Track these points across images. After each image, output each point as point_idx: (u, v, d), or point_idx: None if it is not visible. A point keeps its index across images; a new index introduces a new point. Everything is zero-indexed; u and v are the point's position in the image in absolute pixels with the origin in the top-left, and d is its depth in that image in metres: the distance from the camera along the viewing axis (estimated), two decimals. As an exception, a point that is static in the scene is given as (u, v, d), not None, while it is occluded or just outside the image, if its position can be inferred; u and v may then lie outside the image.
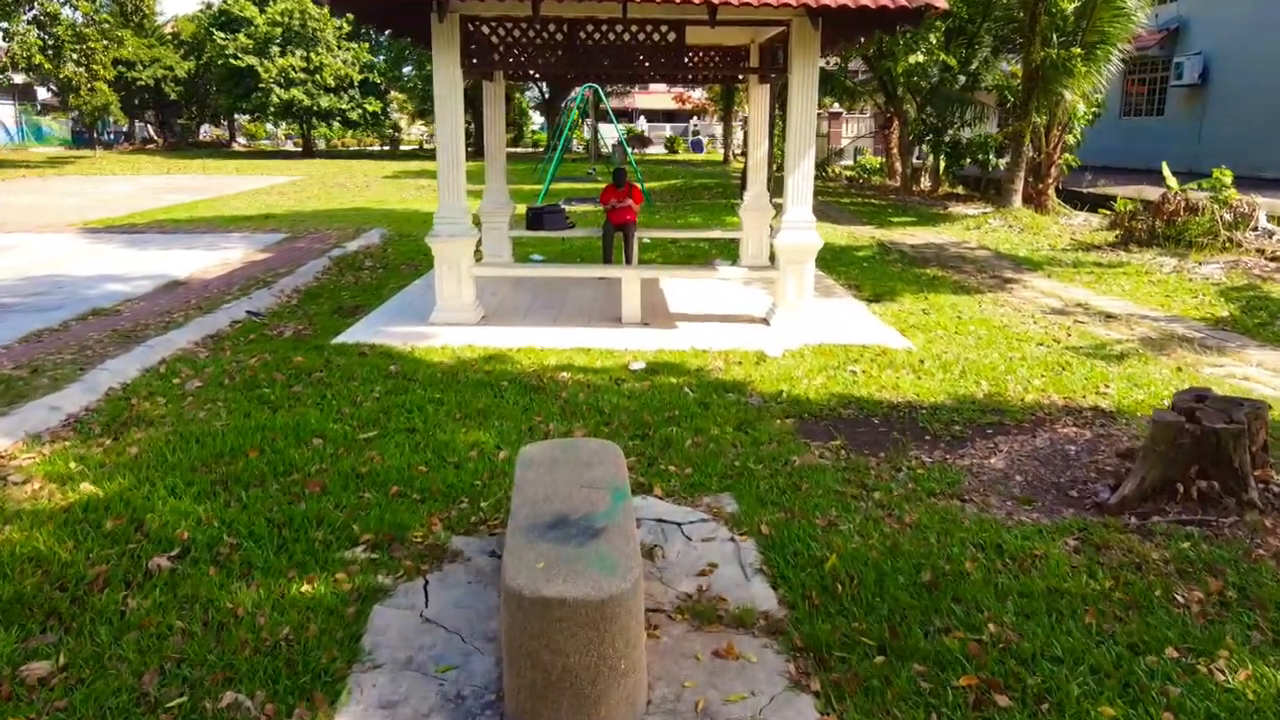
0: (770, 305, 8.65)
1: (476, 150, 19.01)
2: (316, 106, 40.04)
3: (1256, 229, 13.05)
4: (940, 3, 7.19)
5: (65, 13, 31.97)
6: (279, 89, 38.82)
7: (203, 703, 2.94)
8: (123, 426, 5.50)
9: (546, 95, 44.91)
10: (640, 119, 57.79)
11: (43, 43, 31.01)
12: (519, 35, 8.21)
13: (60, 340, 7.71)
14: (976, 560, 3.92)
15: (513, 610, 2.75)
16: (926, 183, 24.67)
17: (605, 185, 10.91)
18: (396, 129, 51.04)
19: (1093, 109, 18.41)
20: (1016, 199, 17.94)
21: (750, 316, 8.81)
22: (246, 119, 49.08)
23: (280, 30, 39.31)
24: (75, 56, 31.89)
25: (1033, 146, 17.82)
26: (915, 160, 25.36)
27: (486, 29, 8.15)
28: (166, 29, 47.43)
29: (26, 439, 5.27)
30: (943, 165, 23.97)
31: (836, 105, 30.08)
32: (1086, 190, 18.79)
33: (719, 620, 3.46)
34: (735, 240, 12.11)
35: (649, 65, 8.42)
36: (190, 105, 50.39)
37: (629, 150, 26.71)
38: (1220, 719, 2.91)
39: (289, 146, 49.25)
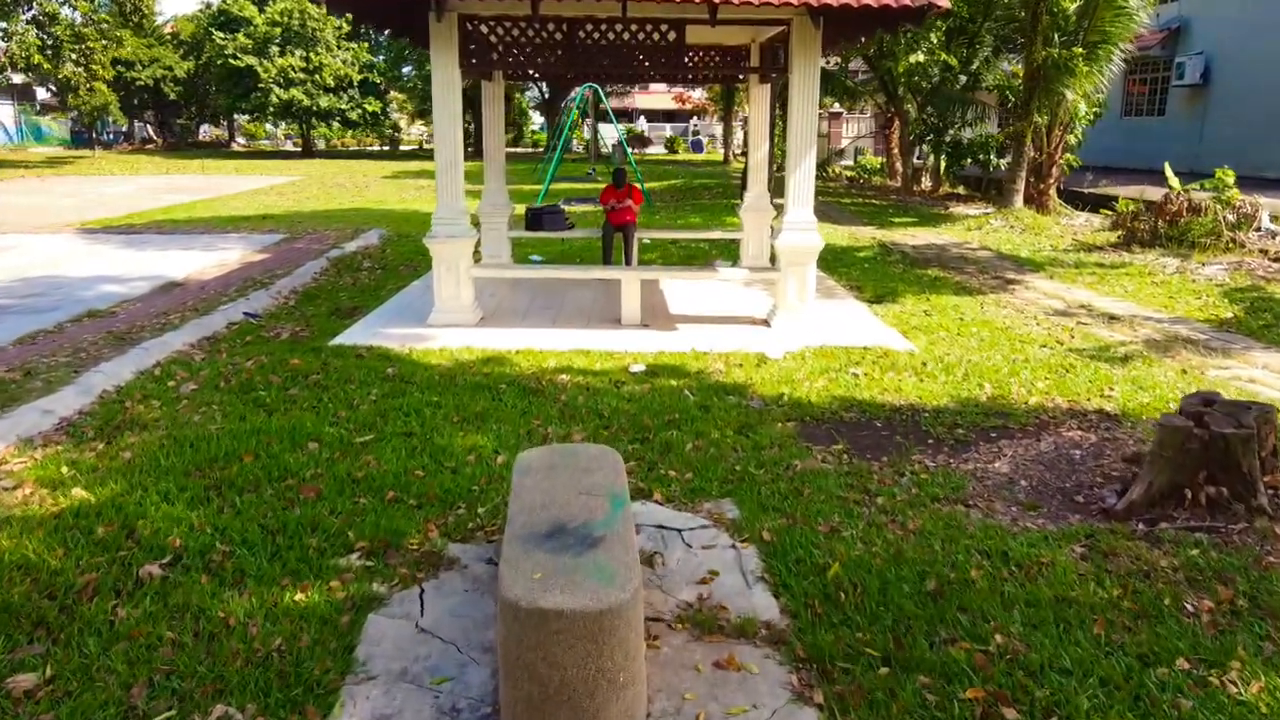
0: (771, 307, 8.58)
1: (475, 150, 18.90)
2: (316, 106, 40.01)
3: (1260, 229, 12.97)
4: (942, 2, 7.13)
5: (64, 13, 31.89)
6: (278, 89, 38.78)
7: (192, 716, 2.88)
8: (116, 430, 5.44)
9: (546, 95, 44.85)
10: (640, 119, 57.71)
11: (41, 42, 30.91)
12: (518, 35, 8.15)
13: (55, 342, 7.64)
14: (982, 568, 3.85)
15: (509, 622, 2.69)
16: (927, 183, 24.60)
17: (605, 185, 10.85)
18: (396, 129, 50.99)
19: (1094, 109, 18.35)
20: (1018, 199, 17.87)
21: (751, 318, 8.74)
22: (246, 119, 49.04)
23: (280, 30, 39.27)
24: (74, 56, 31.80)
25: (1034, 146, 17.75)
26: (916, 160, 25.29)
27: (485, 28, 8.08)
28: (165, 29, 47.38)
29: (18, 443, 5.21)
30: (944, 165, 23.90)
31: (837, 105, 30.07)
32: (1088, 190, 18.72)
33: (720, 630, 3.40)
34: (736, 241, 12.06)
35: (649, 65, 8.36)
36: (189, 105, 50.39)
37: (629, 150, 26.63)
38: (1233, 733, 2.85)
39: (288, 146, 49.23)
